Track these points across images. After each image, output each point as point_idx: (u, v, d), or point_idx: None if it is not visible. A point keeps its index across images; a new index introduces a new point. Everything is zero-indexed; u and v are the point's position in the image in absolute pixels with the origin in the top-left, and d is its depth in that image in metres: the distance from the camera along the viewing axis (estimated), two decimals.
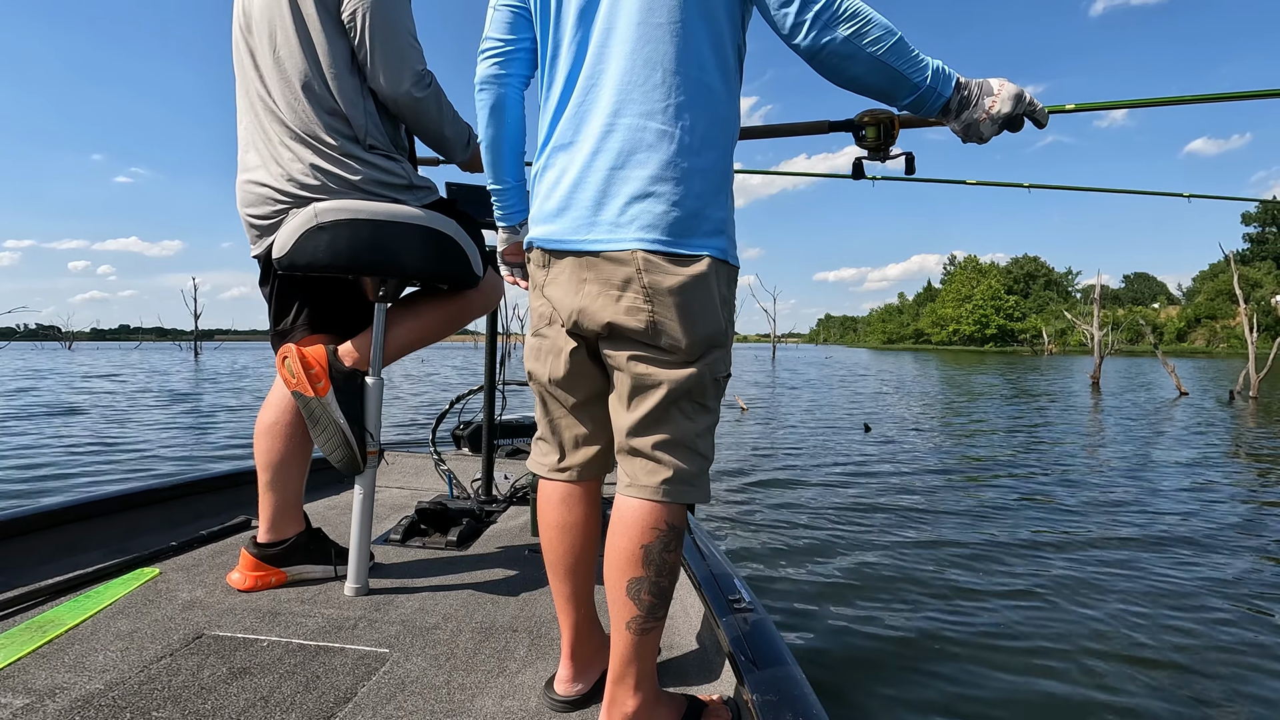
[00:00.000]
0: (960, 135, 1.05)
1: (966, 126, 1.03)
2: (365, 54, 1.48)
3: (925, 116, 1.05)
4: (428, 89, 1.54)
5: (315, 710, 1.10)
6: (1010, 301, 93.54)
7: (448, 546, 1.95)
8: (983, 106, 1.02)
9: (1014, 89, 1.03)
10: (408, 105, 1.53)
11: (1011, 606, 2.89)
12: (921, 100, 0.99)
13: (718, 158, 1.00)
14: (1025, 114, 1.05)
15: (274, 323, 1.66)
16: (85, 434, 7.53)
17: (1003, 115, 1.02)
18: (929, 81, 0.97)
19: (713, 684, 1.26)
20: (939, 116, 1.03)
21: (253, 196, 1.54)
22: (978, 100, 1.02)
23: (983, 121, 1.02)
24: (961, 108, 1.02)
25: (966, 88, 1.01)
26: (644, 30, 0.97)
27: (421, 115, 1.56)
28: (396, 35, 1.48)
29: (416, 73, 1.51)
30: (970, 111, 1.02)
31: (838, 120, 1.42)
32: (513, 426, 3.11)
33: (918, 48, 0.96)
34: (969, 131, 1.04)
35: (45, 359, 32.77)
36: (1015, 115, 1.03)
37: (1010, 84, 1.03)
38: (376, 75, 1.50)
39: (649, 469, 1.01)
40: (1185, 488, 5.26)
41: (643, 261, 0.96)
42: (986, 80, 1.03)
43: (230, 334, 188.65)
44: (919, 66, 0.96)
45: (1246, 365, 13.80)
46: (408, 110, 1.55)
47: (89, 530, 1.83)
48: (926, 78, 0.97)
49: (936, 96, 0.99)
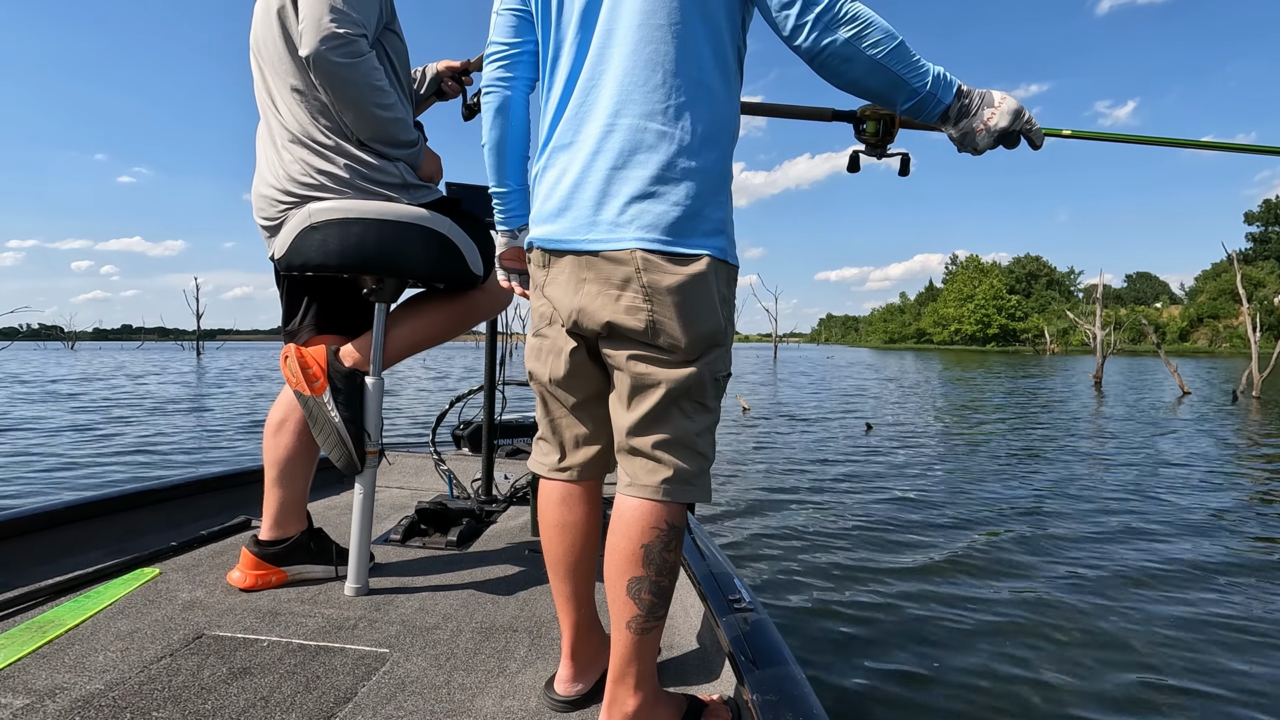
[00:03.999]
0: (956, 143, 1.05)
1: (963, 135, 1.03)
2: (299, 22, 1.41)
3: (924, 122, 1.04)
4: (352, 56, 1.40)
5: (315, 710, 1.10)
6: (1012, 301, 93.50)
7: (448, 546, 1.95)
8: (981, 118, 1.01)
9: (1014, 104, 1.02)
10: (323, 69, 1.39)
11: (1013, 606, 2.88)
12: (921, 105, 0.99)
13: (717, 158, 1.00)
14: (1022, 131, 1.04)
15: (284, 322, 1.68)
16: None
17: (999, 129, 1.02)
18: (929, 87, 0.97)
19: (713, 684, 1.25)
20: (938, 122, 1.03)
21: (261, 199, 1.56)
22: (977, 110, 1.01)
23: (979, 132, 1.02)
24: (960, 116, 1.01)
25: (968, 96, 1.01)
26: (644, 31, 0.97)
27: (345, 85, 1.41)
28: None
29: (332, 32, 1.37)
30: (969, 120, 1.01)
31: (841, 110, 1.43)
32: (513, 426, 3.11)
33: (919, 52, 0.96)
34: (964, 140, 1.03)
35: (50, 358, 32.86)
36: (1012, 131, 1.02)
37: (1011, 99, 1.02)
38: (300, 37, 1.39)
39: (649, 468, 1.01)
40: (1190, 487, 5.25)
41: (642, 261, 0.96)
42: (989, 91, 1.03)
43: (233, 334, 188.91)
44: (919, 71, 0.96)
45: (1249, 365, 13.77)
46: (324, 75, 1.41)
47: (89, 530, 1.83)
48: (926, 83, 0.97)
49: (936, 103, 0.99)
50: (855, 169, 1.43)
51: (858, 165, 1.42)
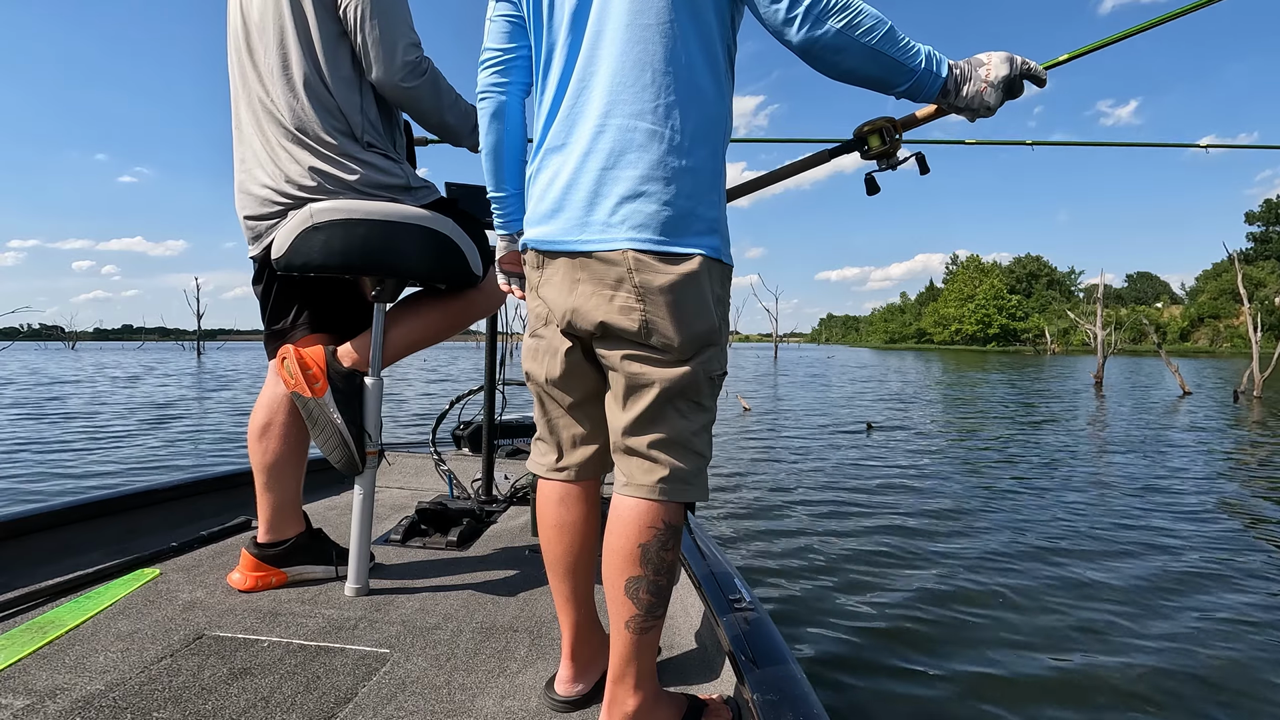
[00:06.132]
0: (968, 115, 1.05)
1: (971, 100, 1.03)
2: (360, 43, 1.47)
3: (925, 102, 1.04)
4: (422, 76, 1.52)
5: (316, 710, 1.10)
6: (1013, 301, 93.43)
7: (448, 547, 1.95)
8: (980, 77, 1.02)
9: (1002, 54, 1.04)
10: (403, 93, 1.52)
11: (1013, 606, 2.88)
12: (919, 84, 0.99)
13: (708, 156, 1.00)
14: (1022, 73, 1.05)
15: (270, 323, 1.65)
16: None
17: (1002, 78, 1.03)
18: (924, 65, 0.98)
19: (713, 683, 1.25)
20: (939, 99, 1.03)
21: (250, 198, 1.54)
22: (973, 74, 1.02)
23: (985, 90, 1.02)
24: (960, 84, 1.02)
25: (958, 66, 1.03)
26: (633, 32, 0.97)
27: (419, 102, 1.54)
28: (390, 23, 1.47)
29: (410, 60, 1.49)
30: (970, 85, 1.02)
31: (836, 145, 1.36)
32: (513, 426, 3.11)
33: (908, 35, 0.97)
34: (975, 104, 1.03)
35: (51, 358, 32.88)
36: (1013, 77, 1.04)
37: (996, 52, 1.04)
38: (371, 64, 1.49)
39: (645, 468, 1.01)
40: (1191, 487, 5.25)
41: (633, 261, 0.96)
42: (972, 56, 1.05)
43: (233, 334, 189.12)
44: (912, 52, 0.97)
45: (1250, 364, 13.76)
46: (404, 98, 1.54)
47: (89, 531, 1.83)
48: (920, 61, 0.98)
49: (933, 78, 0.99)
50: (875, 190, 1.36)
51: (876, 186, 1.35)
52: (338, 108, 1.50)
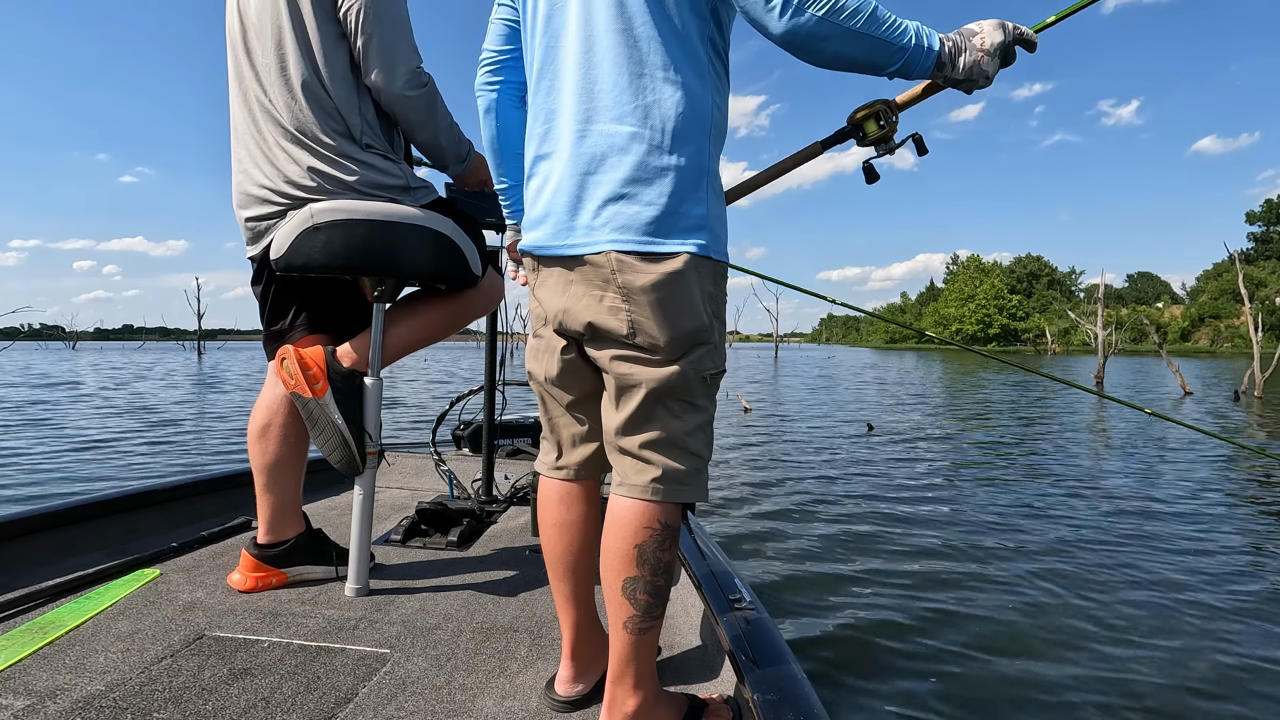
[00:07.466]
0: (964, 87, 1.03)
1: (970, 70, 1.00)
2: (360, 48, 1.48)
3: (919, 79, 1.02)
4: (422, 88, 1.53)
5: (316, 711, 1.10)
6: (1013, 301, 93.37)
7: (448, 547, 1.95)
8: (974, 45, 1.00)
9: (993, 20, 1.02)
10: (400, 102, 1.52)
11: (1013, 606, 2.88)
12: (912, 60, 0.96)
13: (693, 154, 0.99)
14: (1015, 39, 1.04)
15: (269, 324, 1.65)
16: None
17: (997, 45, 1.01)
18: (914, 42, 0.95)
19: (713, 683, 1.25)
20: (934, 73, 1.00)
21: (249, 199, 1.54)
22: (967, 44, 1.00)
23: (982, 60, 1.00)
24: (955, 55, 0.99)
25: (950, 39, 1.00)
26: (610, 37, 0.98)
27: (415, 113, 1.54)
28: (392, 29, 1.48)
29: (410, 69, 1.50)
30: (966, 55, 1.00)
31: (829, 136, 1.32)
32: (513, 426, 3.11)
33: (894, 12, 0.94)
34: (972, 74, 1.01)
35: (51, 358, 32.90)
36: (1007, 44, 1.03)
37: (985, 20, 1.03)
38: (370, 70, 1.49)
39: (638, 468, 1.01)
40: (1192, 487, 5.24)
41: (616, 262, 0.97)
42: (963, 27, 1.03)
43: (233, 334, 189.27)
44: (899, 30, 0.94)
45: (1251, 365, 13.75)
46: (400, 107, 1.53)
47: (89, 531, 1.83)
48: (910, 39, 0.95)
49: (925, 53, 0.96)
50: (874, 178, 1.33)
51: (875, 174, 1.32)
52: (336, 109, 1.50)
